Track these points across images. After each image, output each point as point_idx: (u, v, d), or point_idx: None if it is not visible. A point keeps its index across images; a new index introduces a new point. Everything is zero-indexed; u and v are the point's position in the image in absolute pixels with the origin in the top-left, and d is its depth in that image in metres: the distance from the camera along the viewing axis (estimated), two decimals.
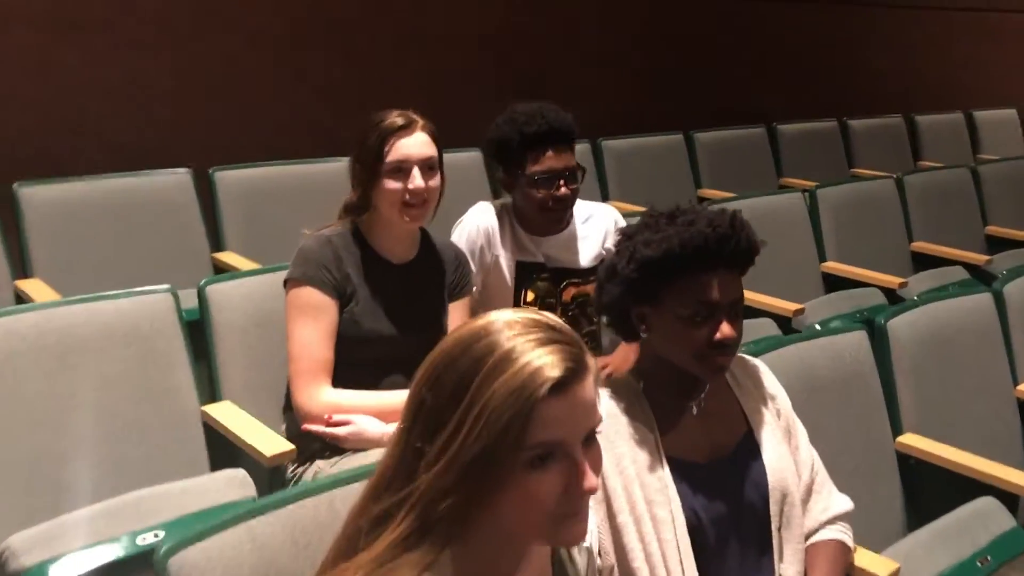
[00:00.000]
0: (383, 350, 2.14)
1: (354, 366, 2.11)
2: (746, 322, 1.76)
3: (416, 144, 2.08)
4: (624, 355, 2.43)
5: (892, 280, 3.36)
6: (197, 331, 2.22)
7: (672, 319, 1.57)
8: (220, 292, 2.22)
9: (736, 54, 5.54)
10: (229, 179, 3.22)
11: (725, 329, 1.55)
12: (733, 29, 5.53)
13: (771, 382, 1.75)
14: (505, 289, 2.47)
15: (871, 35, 6.18)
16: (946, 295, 2.57)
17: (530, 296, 2.48)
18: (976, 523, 1.97)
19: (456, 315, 2.25)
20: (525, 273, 2.48)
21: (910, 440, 2.26)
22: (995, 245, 4.10)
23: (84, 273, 2.89)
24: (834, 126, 5.23)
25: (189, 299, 2.30)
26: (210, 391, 2.19)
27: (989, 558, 1.90)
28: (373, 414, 2.04)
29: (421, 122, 2.11)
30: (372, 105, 4.06)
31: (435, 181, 2.11)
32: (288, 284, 2.09)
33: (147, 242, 3.05)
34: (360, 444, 2.01)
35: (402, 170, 2.07)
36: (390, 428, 2.04)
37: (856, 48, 6.11)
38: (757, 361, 1.77)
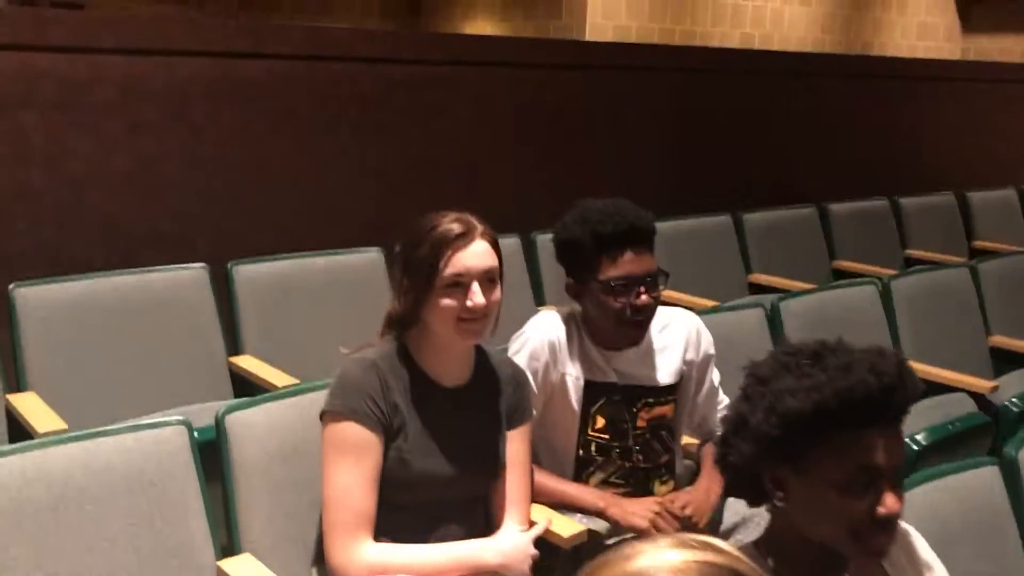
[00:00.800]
0: (435, 492, 1.84)
1: (400, 511, 1.81)
2: None
3: (476, 255, 1.79)
4: (707, 490, 2.10)
5: (981, 384, 3.02)
6: (210, 456, 1.90)
7: (821, 487, 1.25)
8: (241, 422, 1.90)
9: (777, 131, 5.28)
10: (248, 274, 2.92)
11: (890, 502, 1.23)
12: (776, 105, 5.27)
13: (926, 553, 1.42)
14: (570, 413, 2.14)
15: (917, 109, 5.93)
16: None
17: (599, 422, 2.15)
18: None
19: (515, 445, 1.95)
20: (594, 394, 2.15)
21: None
22: None
23: (85, 384, 2.58)
24: (885, 205, 4.94)
25: (203, 416, 1.99)
26: (228, 541, 1.86)
27: None
28: (424, 575, 1.72)
29: (480, 228, 1.82)
30: (405, 189, 3.89)
31: (496, 294, 1.83)
32: (326, 417, 1.79)
33: (157, 345, 2.73)
34: None
35: (460, 284, 1.77)
36: None
37: (902, 123, 5.85)
38: (907, 526, 1.44)
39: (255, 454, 1.89)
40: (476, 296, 1.78)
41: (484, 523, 1.94)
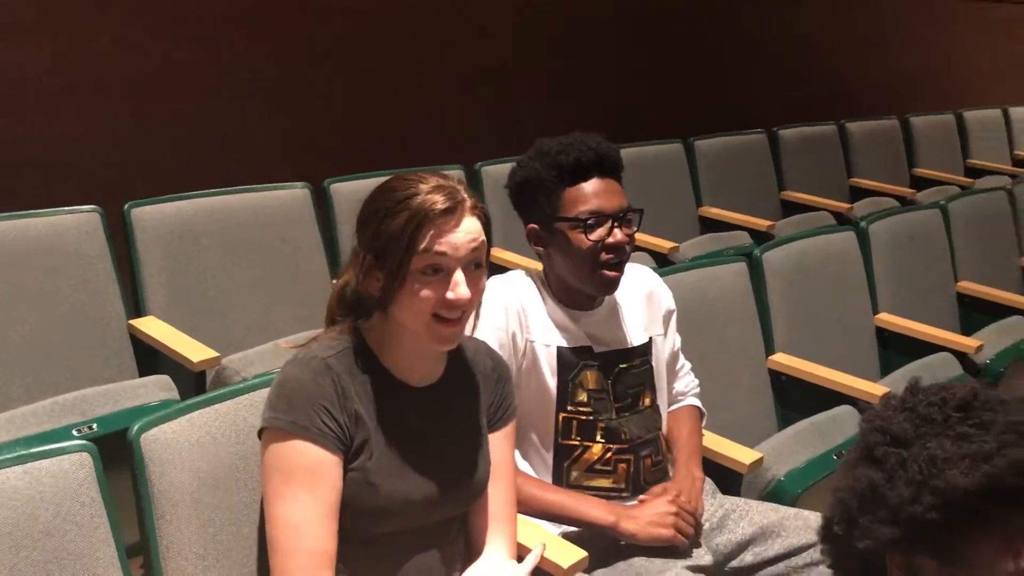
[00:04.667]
0: (410, 519, 1.50)
1: (366, 545, 1.47)
2: None
3: (464, 236, 1.42)
4: (691, 476, 1.89)
5: (966, 343, 2.83)
6: (115, 462, 1.49)
7: None
8: (161, 441, 1.48)
9: (719, 53, 4.93)
10: (150, 218, 2.44)
11: None
12: (715, 26, 4.91)
13: None
14: (544, 388, 1.83)
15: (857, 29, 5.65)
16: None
17: (580, 395, 1.85)
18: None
19: (498, 449, 1.62)
20: (569, 363, 1.85)
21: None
22: None
23: None
24: (833, 130, 4.69)
25: (104, 402, 1.69)
26: None
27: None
28: None
29: (469, 201, 1.45)
30: (332, 112, 3.40)
31: (482, 282, 1.47)
32: (268, 435, 1.42)
33: (40, 307, 2.26)
34: None
35: (440, 270, 1.40)
36: None
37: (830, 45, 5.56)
38: None
39: (180, 481, 1.48)
40: (459, 286, 1.41)
41: (466, 543, 1.61)
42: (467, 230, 1.42)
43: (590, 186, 1.78)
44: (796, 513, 1.89)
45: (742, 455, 2.07)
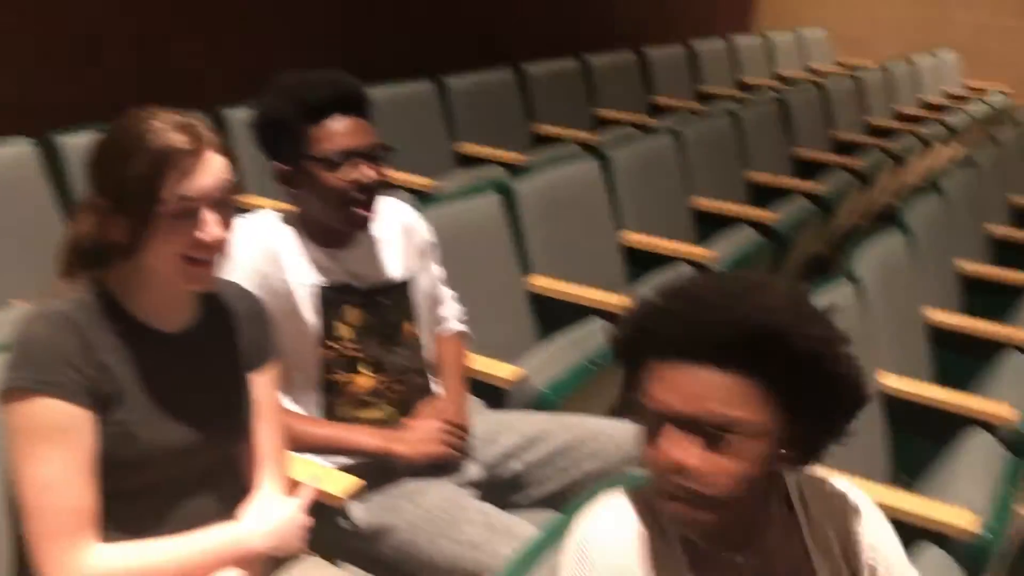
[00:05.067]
0: (174, 467, 1.47)
1: (132, 497, 1.43)
2: None
3: (210, 175, 1.38)
4: (458, 391, 1.98)
5: (701, 252, 3.08)
6: None
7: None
8: None
9: None
10: None
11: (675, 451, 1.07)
12: None
13: (874, 529, 1.22)
14: (305, 329, 1.82)
15: None
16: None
17: (344, 330, 1.85)
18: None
19: (260, 389, 1.61)
20: (331, 301, 1.85)
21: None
22: (761, 194, 3.98)
23: None
24: (576, 65, 4.88)
25: None
26: None
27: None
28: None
29: (211, 138, 1.41)
30: (65, 63, 3.14)
31: (232, 221, 1.44)
32: (10, 397, 1.35)
33: None
34: None
35: (189, 211, 1.37)
36: None
37: None
38: (861, 497, 1.24)
39: None
40: (210, 226, 1.38)
41: (237, 485, 1.60)
42: (213, 169, 1.38)
43: (336, 123, 1.76)
44: (559, 419, 2.01)
45: (505, 371, 2.17)
